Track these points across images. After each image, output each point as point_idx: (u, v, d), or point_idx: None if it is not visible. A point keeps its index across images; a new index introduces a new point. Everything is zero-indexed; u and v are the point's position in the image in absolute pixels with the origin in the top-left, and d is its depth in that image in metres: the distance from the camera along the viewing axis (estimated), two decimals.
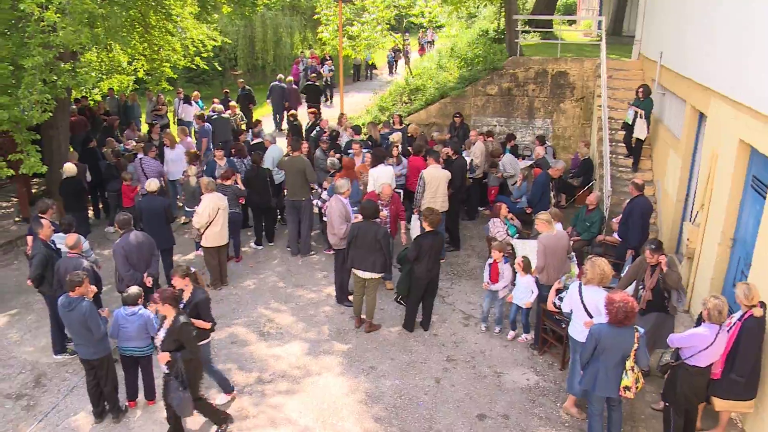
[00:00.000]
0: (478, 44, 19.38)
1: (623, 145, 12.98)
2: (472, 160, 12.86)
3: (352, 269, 9.13)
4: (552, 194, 11.22)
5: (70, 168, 11.61)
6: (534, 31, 21.14)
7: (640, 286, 7.83)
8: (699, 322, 6.54)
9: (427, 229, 8.87)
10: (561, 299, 7.96)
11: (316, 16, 22.96)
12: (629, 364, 6.19)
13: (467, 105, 17.05)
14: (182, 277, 7.15)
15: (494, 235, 10.52)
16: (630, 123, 12.30)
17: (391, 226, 10.27)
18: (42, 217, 9.00)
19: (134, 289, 7.43)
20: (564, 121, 16.60)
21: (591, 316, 6.94)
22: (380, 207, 9.71)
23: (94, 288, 7.17)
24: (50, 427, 7.40)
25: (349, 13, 21.10)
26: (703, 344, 6.17)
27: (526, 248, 9.75)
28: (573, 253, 9.58)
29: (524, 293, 8.81)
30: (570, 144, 16.55)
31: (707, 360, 6.25)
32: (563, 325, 8.13)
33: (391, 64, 30.53)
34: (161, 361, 6.58)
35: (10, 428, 7.41)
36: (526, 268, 8.78)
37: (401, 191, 11.68)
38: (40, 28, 9.69)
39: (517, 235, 10.73)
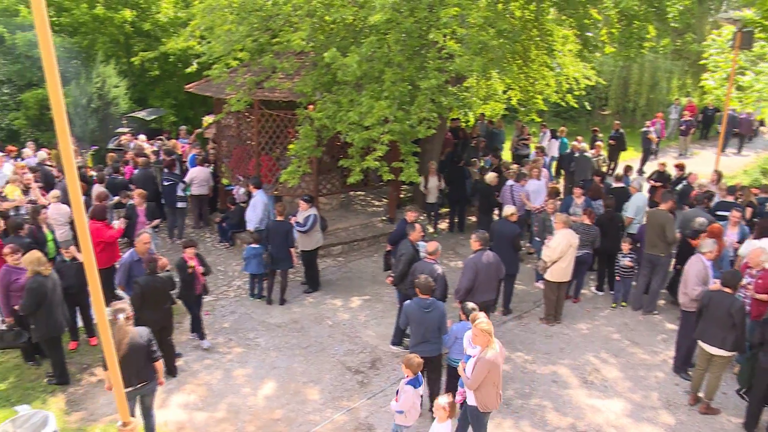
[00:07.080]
0: None
1: None
2: None
3: (699, 341, 8.29)
4: None
5: (491, 177, 13.60)
6: None
7: None
8: None
9: None
10: None
11: (701, 62, 21.35)
12: None
13: None
14: None
15: None
16: None
17: (752, 305, 9.04)
18: (409, 221, 10.06)
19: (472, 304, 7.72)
20: None
21: None
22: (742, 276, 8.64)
23: None
24: (375, 407, 8.25)
25: (744, 60, 19.17)
26: None
27: None
28: None
29: None
30: None
31: None
32: None
33: None
34: None
35: (345, 396, 8.49)
36: (454, 412, 6.47)
37: None
38: (439, 54, 10.81)
39: None
